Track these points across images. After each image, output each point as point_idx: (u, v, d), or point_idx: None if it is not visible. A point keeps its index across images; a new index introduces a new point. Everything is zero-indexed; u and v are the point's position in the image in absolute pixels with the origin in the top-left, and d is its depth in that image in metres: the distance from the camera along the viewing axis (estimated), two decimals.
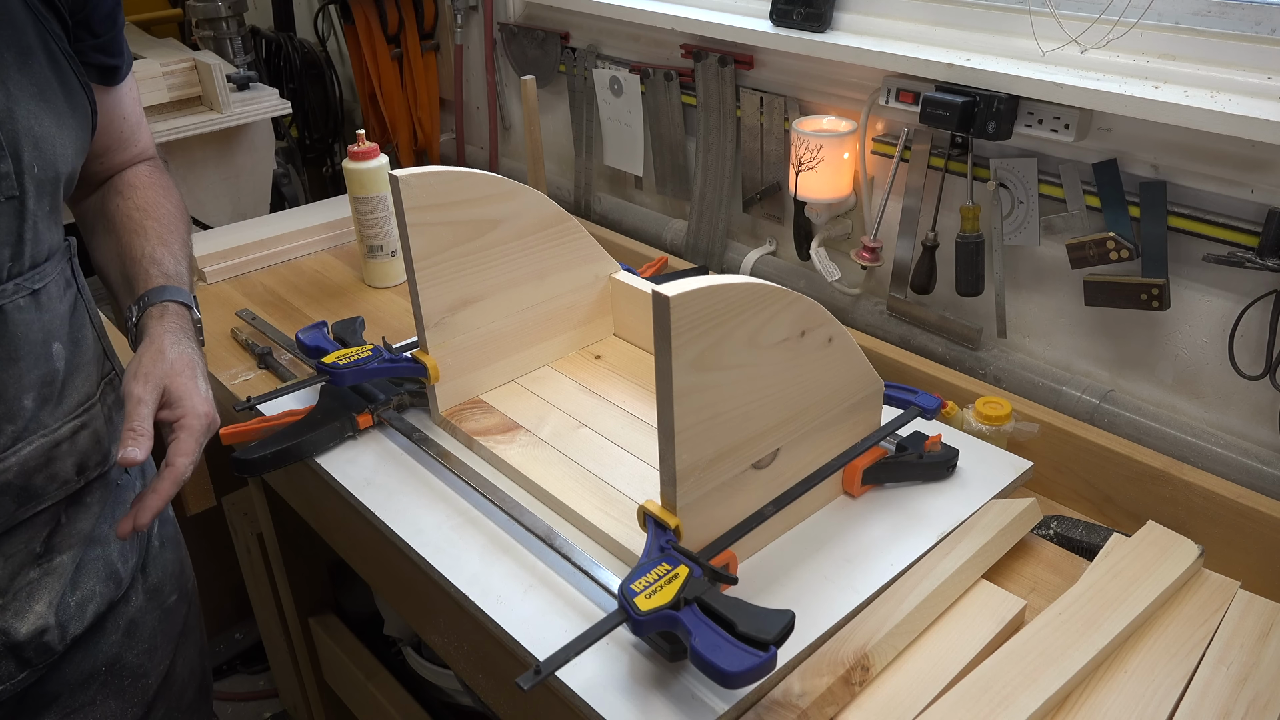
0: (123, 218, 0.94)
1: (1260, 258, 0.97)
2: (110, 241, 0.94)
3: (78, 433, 0.82)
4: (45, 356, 0.78)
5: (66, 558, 0.83)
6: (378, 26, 2.08)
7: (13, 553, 0.79)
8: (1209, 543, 0.94)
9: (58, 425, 0.80)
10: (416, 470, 1.04)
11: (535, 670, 0.72)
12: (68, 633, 0.84)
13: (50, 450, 0.80)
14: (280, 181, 2.08)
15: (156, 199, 0.97)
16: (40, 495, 0.80)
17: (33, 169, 0.75)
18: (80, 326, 0.84)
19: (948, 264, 1.25)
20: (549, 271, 1.14)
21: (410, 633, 1.51)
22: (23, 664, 0.81)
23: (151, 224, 0.95)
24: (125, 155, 0.98)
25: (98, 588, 0.86)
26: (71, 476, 0.82)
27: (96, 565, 0.86)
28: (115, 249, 0.94)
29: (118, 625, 0.90)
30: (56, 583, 0.82)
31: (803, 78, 1.37)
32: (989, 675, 0.78)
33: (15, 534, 0.79)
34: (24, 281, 0.76)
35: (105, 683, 0.90)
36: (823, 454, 0.92)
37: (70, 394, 0.82)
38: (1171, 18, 1.04)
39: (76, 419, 0.82)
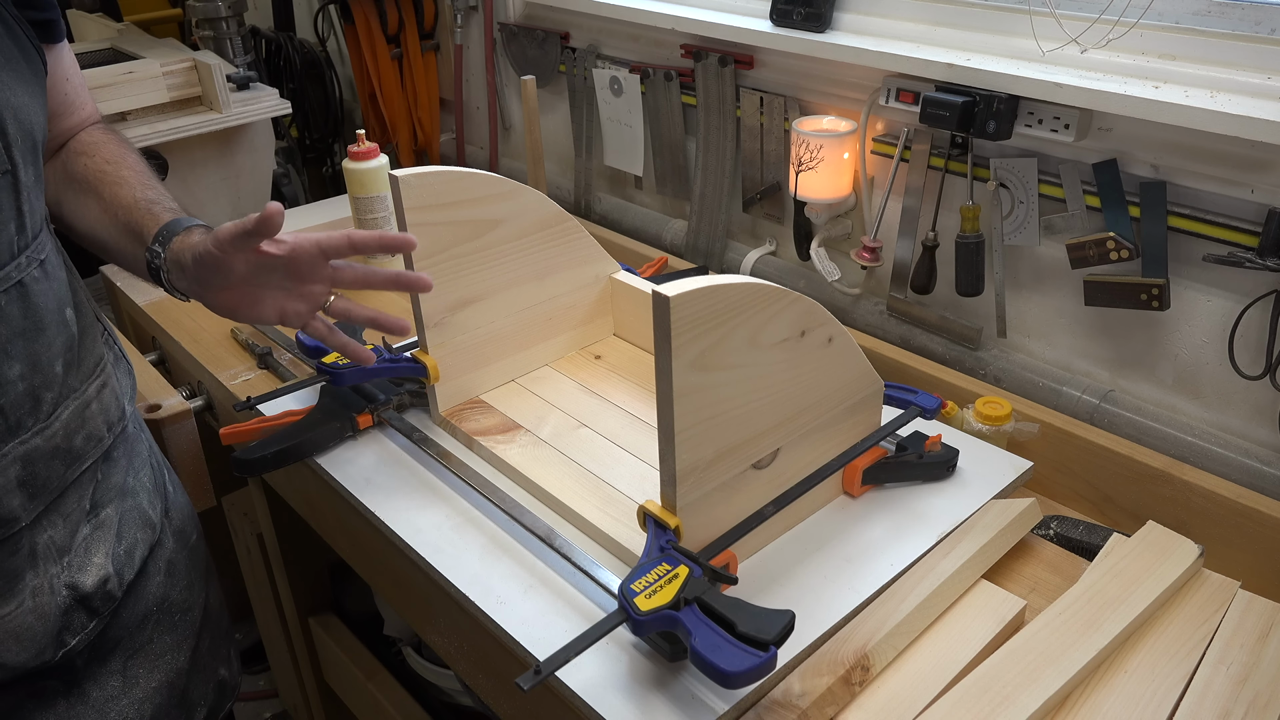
0: (95, 175, 0.94)
1: (1260, 258, 0.97)
2: (90, 201, 0.94)
3: (101, 391, 0.86)
4: (63, 323, 0.81)
5: (110, 510, 0.88)
6: (378, 26, 2.08)
7: (69, 512, 0.83)
8: (1209, 543, 0.94)
9: (84, 387, 0.84)
10: (416, 470, 1.04)
11: (535, 670, 0.72)
12: (124, 579, 0.89)
13: (83, 411, 0.83)
14: (280, 181, 2.08)
15: (121, 152, 0.97)
16: (82, 455, 0.84)
17: (18, 140, 0.75)
18: (77, 290, 0.86)
19: (948, 264, 1.25)
20: (549, 271, 1.14)
21: (410, 633, 1.51)
22: (92, 614, 0.86)
23: (128, 173, 0.95)
24: (74, 119, 0.97)
25: (138, 534, 0.91)
26: (103, 433, 0.86)
27: (133, 515, 0.91)
28: (98, 206, 0.93)
29: (159, 567, 0.95)
30: (107, 535, 0.87)
31: (803, 78, 1.37)
32: (989, 675, 0.78)
33: (68, 494, 0.83)
34: (33, 253, 0.78)
35: (158, 621, 0.96)
36: (823, 454, 0.92)
37: (86, 356, 0.85)
38: (1171, 18, 1.04)
39: (97, 378, 0.86)
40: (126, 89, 1.63)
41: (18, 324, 0.76)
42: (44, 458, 0.80)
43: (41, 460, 0.79)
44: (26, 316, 0.77)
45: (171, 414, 1.19)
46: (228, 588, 1.69)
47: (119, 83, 1.62)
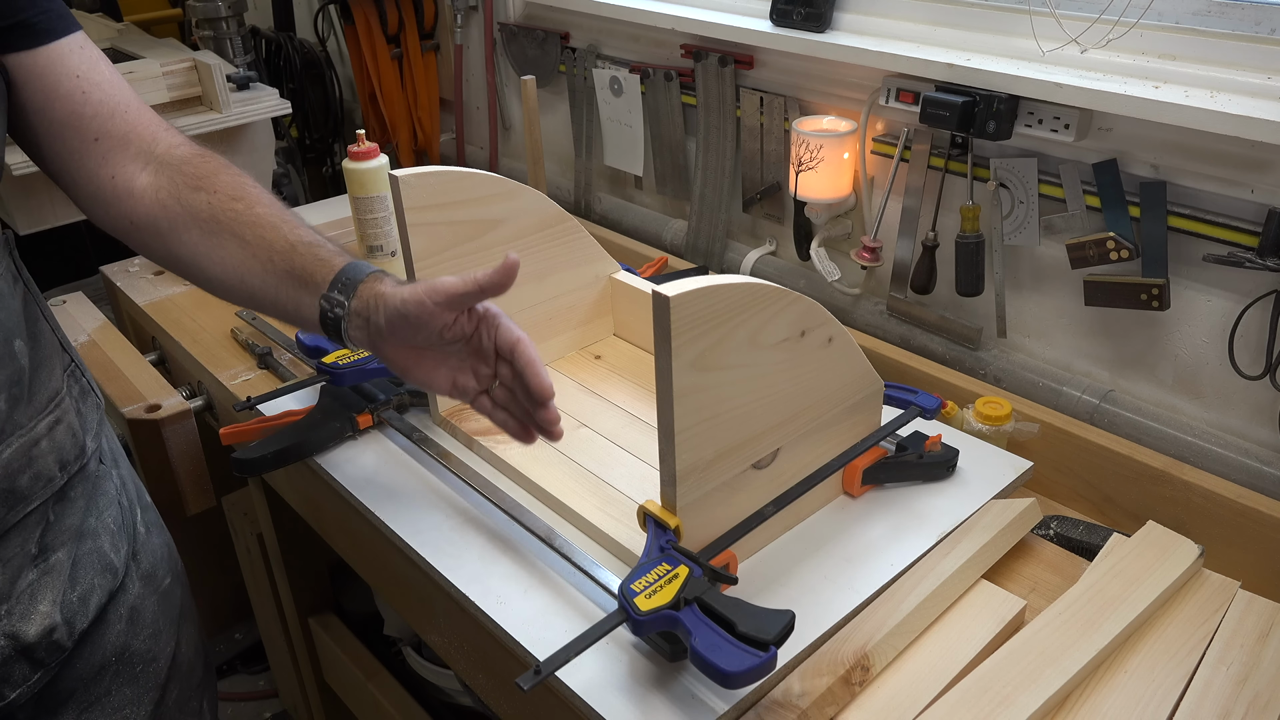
0: (226, 214, 0.87)
1: (1260, 258, 0.97)
2: (226, 243, 0.87)
3: (53, 428, 0.81)
4: (9, 355, 0.76)
5: (62, 554, 0.82)
6: (378, 26, 2.08)
7: (9, 557, 0.78)
8: (1209, 543, 0.94)
9: (32, 424, 0.79)
10: (416, 470, 1.04)
11: (535, 670, 0.72)
12: (75, 628, 0.83)
13: (30, 450, 0.78)
14: (280, 181, 2.08)
15: (237, 181, 0.90)
16: (27, 496, 0.78)
17: None
18: (34, 320, 0.82)
19: (948, 264, 1.25)
20: (549, 271, 1.14)
21: (410, 633, 1.51)
22: (35, 665, 0.81)
23: (262, 210, 0.88)
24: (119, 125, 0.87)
25: (95, 580, 0.86)
26: (55, 473, 0.81)
27: (91, 558, 0.86)
28: (242, 251, 0.87)
29: (120, 615, 0.90)
30: (57, 581, 0.82)
31: (803, 78, 1.37)
32: (989, 675, 0.78)
33: (9, 538, 0.78)
34: None
35: (117, 672, 0.90)
36: (823, 454, 0.92)
37: (39, 391, 0.80)
38: (1171, 18, 1.04)
39: (49, 415, 0.81)
40: None
41: None
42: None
43: None
44: None
45: (171, 414, 1.19)
46: (228, 588, 1.70)
47: None
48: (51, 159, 0.86)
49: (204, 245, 0.88)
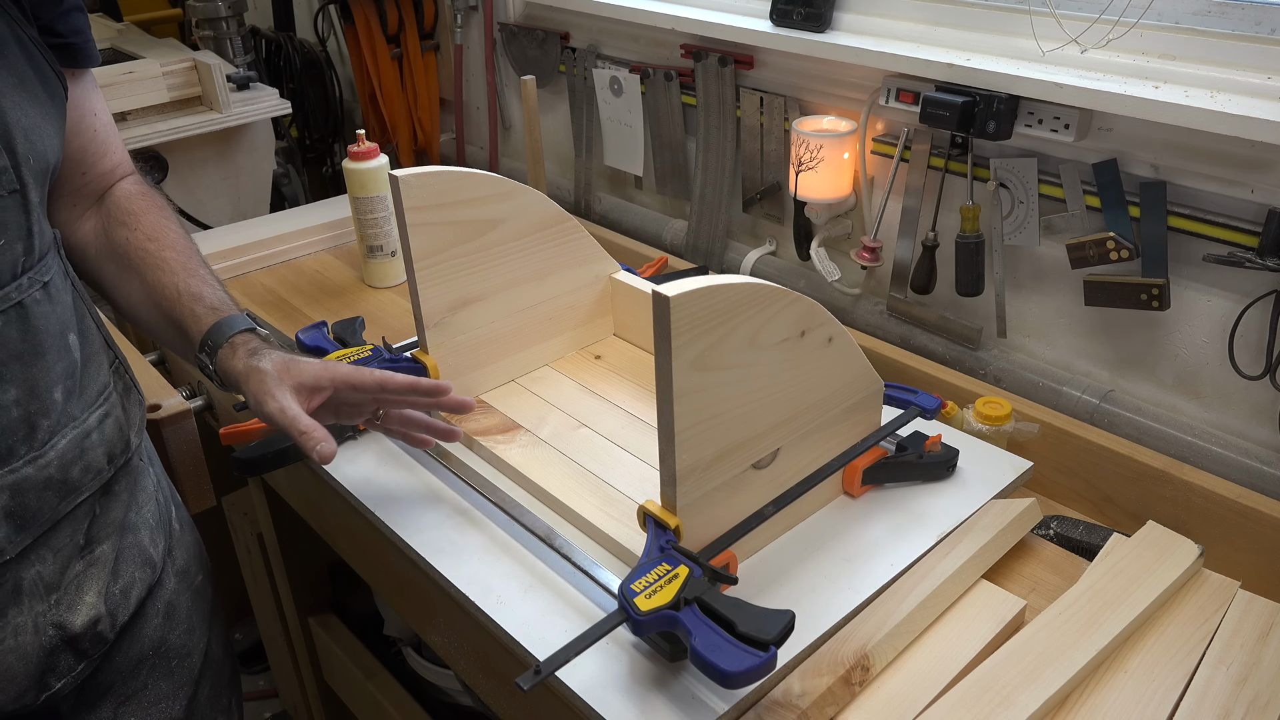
0: (138, 253, 0.92)
1: (1260, 258, 0.97)
2: (132, 280, 0.92)
3: (103, 421, 0.83)
4: (65, 348, 0.79)
5: (107, 547, 0.84)
6: (378, 26, 2.08)
7: (60, 546, 0.79)
8: (1209, 543, 0.94)
9: (85, 416, 0.81)
10: (416, 470, 1.04)
11: (535, 670, 0.72)
12: (117, 620, 0.85)
13: (82, 441, 0.80)
14: (280, 181, 2.08)
15: (161, 224, 0.94)
16: (78, 487, 0.80)
17: (28, 160, 0.74)
18: (83, 316, 0.84)
19: (948, 264, 1.25)
20: (549, 271, 1.14)
21: (410, 633, 1.51)
22: (80, 655, 0.82)
23: (170, 254, 0.92)
24: (106, 163, 0.94)
25: (136, 573, 0.87)
26: (103, 465, 0.83)
27: (132, 552, 0.87)
28: (142, 289, 0.92)
29: (157, 609, 0.92)
30: (101, 573, 0.83)
31: (803, 78, 1.37)
32: (989, 675, 0.78)
33: (60, 528, 0.79)
34: (36, 275, 0.76)
35: (154, 666, 0.91)
36: (823, 454, 0.92)
37: (90, 384, 0.82)
38: (1171, 18, 1.04)
39: (100, 408, 0.83)
40: (126, 89, 1.63)
41: (15, 346, 0.74)
42: (35, 488, 0.76)
43: (33, 491, 0.76)
44: (25, 339, 0.74)
45: (171, 414, 1.19)
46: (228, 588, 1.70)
47: (119, 83, 1.62)
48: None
49: (116, 279, 0.94)
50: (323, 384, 0.88)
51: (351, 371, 0.89)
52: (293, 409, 0.84)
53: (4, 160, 0.72)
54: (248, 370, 0.87)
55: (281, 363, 0.88)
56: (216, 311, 0.90)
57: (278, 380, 0.86)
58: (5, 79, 0.74)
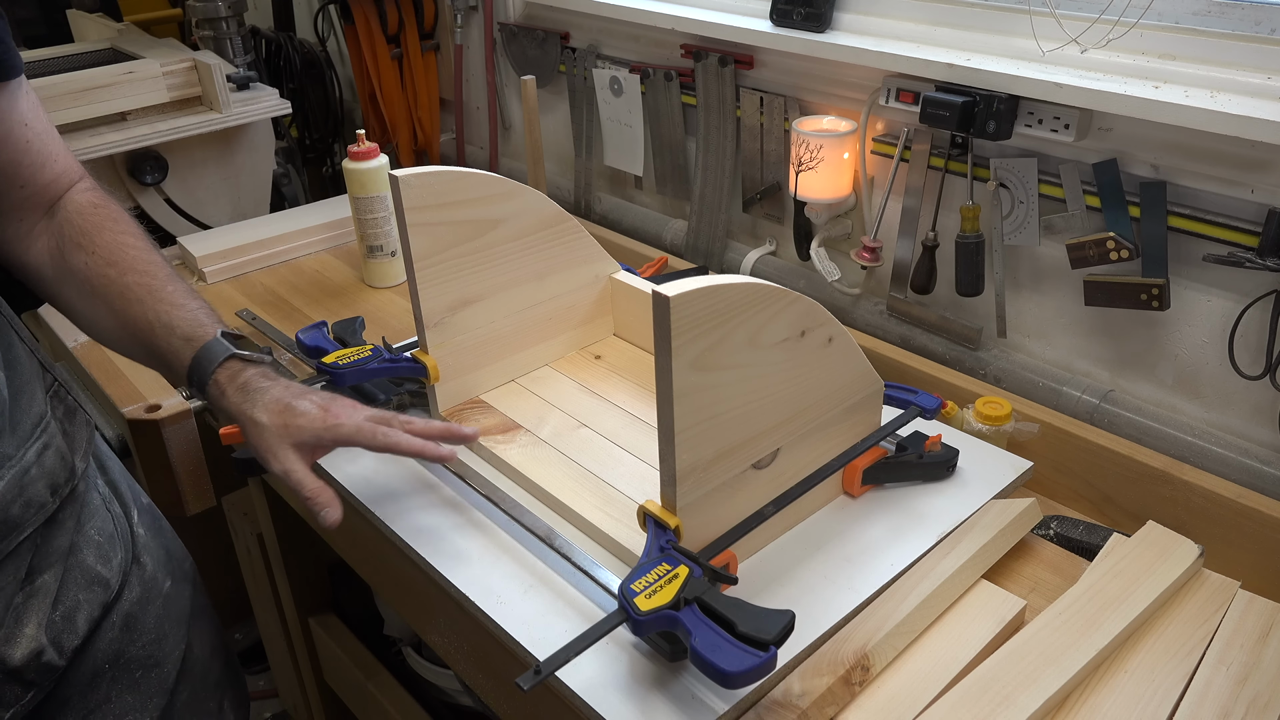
0: (99, 280, 0.88)
1: (1260, 258, 0.97)
2: (99, 309, 0.89)
3: (43, 454, 0.78)
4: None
5: (49, 576, 0.80)
6: (378, 26, 2.08)
7: (2, 585, 0.76)
8: (1209, 543, 0.94)
9: (20, 453, 0.76)
10: (416, 470, 1.04)
11: (535, 670, 0.72)
12: (65, 647, 0.81)
13: (21, 479, 0.76)
14: (280, 181, 2.08)
15: (118, 242, 0.90)
16: (19, 525, 0.76)
17: None
18: (10, 347, 0.79)
19: (948, 264, 1.25)
20: (549, 271, 1.14)
21: (410, 633, 1.51)
22: (27, 686, 0.79)
23: (132, 279, 0.88)
24: (46, 174, 0.88)
25: (82, 596, 0.83)
26: (47, 499, 0.79)
27: (76, 575, 0.83)
28: (113, 320, 0.89)
29: (113, 623, 0.87)
30: (42, 603, 0.79)
31: (803, 78, 1.37)
32: (989, 675, 0.78)
33: (3, 567, 0.76)
34: None
35: (114, 678, 0.88)
36: (823, 454, 0.92)
37: (22, 418, 0.77)
38: (1171, 18, 1.04)
39: (37, 440, 0.78)
40: (126, 89, 1.63)
41: None
42: None
43: None
44: None
45: (171, 414, 1.19)
46: (228, 588, 1.70)
47: (119, 83, 1.62)
48: None
49: (80, 304, 0.90)
50: (324, 443, 0.87)
51: (354, 433, 0.87)
52: (297, 472, 0.84)
53: None
54: (242, 418, 0.86)
55: (279, 415, 0.85)
56: (190, 343, 0.88)
57: (278, 439, 0.85)
58: None
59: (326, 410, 0.87)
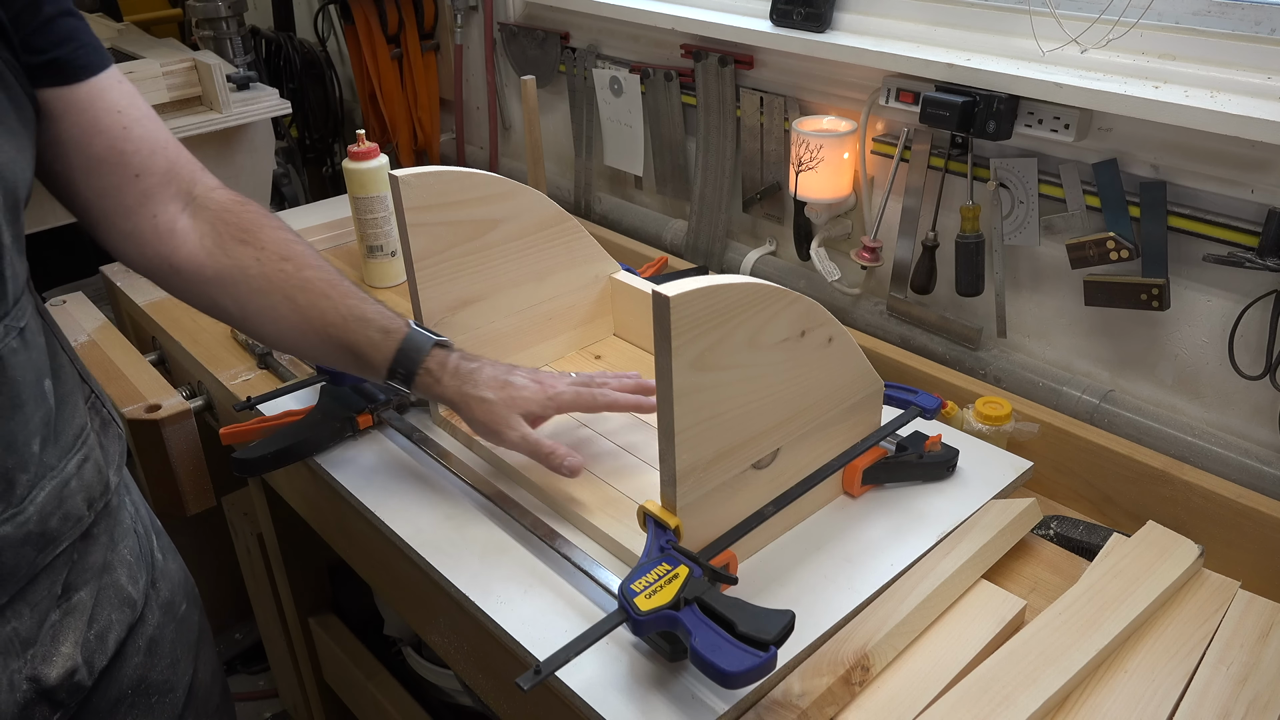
0: (278, 276, 0.88)
1: (1260, 258, 0.97)
2: (277, 304, 0.89)
3: (82, 466, 0.78)
4: (41, 396, 0.73)
5: (85, 594, 0.80)
6: (378, 26, 2.08)
7: (37, 600, 0.75)
8: (1209, 543, 0.94)
9: (62, 464, 0.76)
10: (416, 470, 1.04)
11: (535, 670, 0.72)
12: (95, 667, 0.81)
13: (61, 491, 0.76)
14: (280, 181, 2.08)
15: (283, 238, 0.90)
16: (57, 538, 0.76)
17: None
18: (55, 354, 0.78)
19: (948, 264, 1.25)
20: (549, 271, 1.14)
21: (410, 633, 1.51)
22: (55, 706, 0.78)
23: (311, 274, 0.89)
24: (159, 162, 0.85)
25: (114, 615, 0.83)
26: (84, 512, 0.78)
27: (109, 594, 0.82)
28: (292, 314, 0.89)
29: (138, 647, 0.87)
30: (79, 621, 0.79)
31: (803, 78, 1.37)
32: (989, 675, 0.78)
33: (38, 581, 0.75)
34: (11, 322, 0.70)
35: (133, 704, 0.87)
36: (823, 454, 0.92)
37: (65, 429, 0.77)
38: (1171, 18, 1.04)
39: (78, 452, 0.78)
40: None
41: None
42: (13, 545, 0.71)
43: (10, 549, 0.71)
44: (3, 393, 0.69)
45: (171, 414, 1.19)
46: (228, 588, 1.70)
47: None
48: (87, 196, 0.83)
49: (254, 303, 0.89)
50: (548, 412, 0.94)
51: (574, 400, 0.95)
52: (532, 435, 0.91)
53: None
54: (466, 399, 0.91)
55: (501, 389, 0.92)
56: (389, 335, 0.91)
57: (508, 410, 0.91)
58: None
59: (541, 384, 0.94)
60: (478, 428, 0.92)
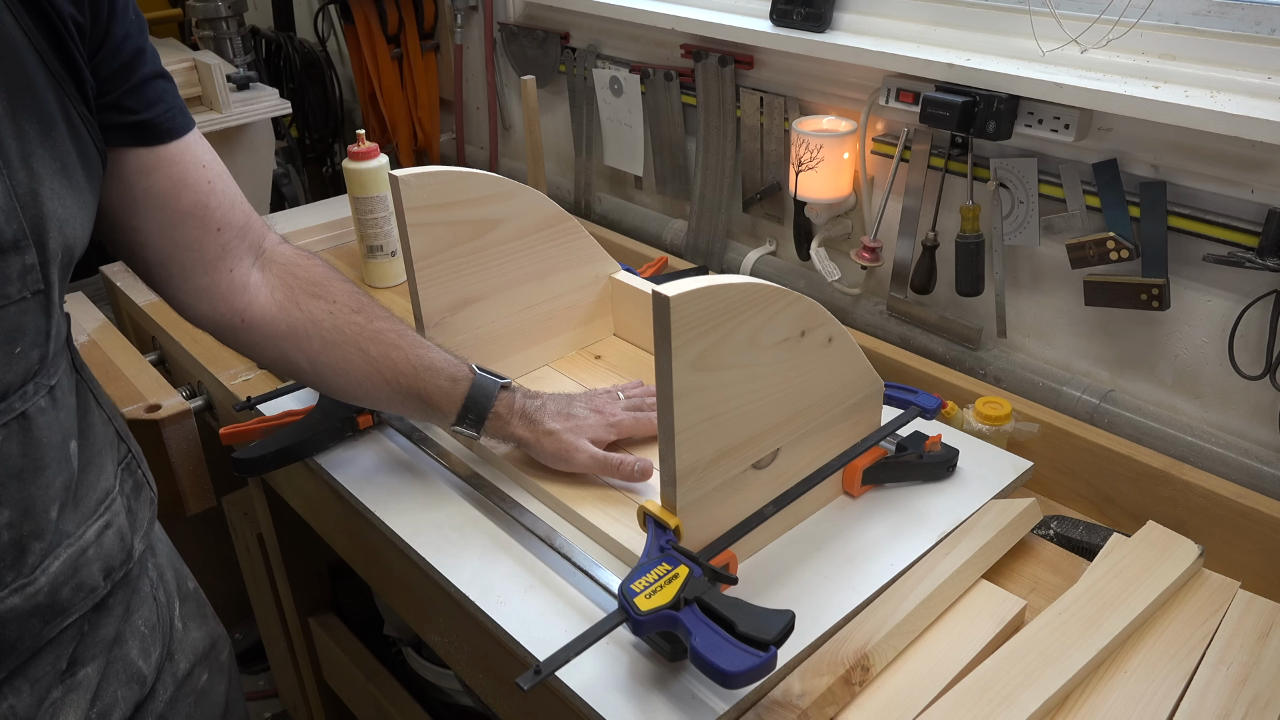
0: (351, 328, 0.89)
1: (1260, 258, 0.97)
2: (349, 355, 0.90)
3: (103, 534, 0.74)
4: (65, 459, 0.70)
5: (91, 669, 0.75)
6: (378, 26, 2.08)
7: (39, 676, 0.71)
8: (1209, 543, 0.94)
9: (81, 530, 0.72)
10: (416, 470, 1.04)
11: (535, 670, 0.72)
12: None
13: (77, 560, 0.72)
14: (280, 181, 2.08)
15: (351, 291, 0.91)
16: (66, 609, 0.72)
17: (56, 256, 0.66)
18: (87, 414, 0.76)
19: (948, 264, 1.25)
20: (549, 271, 1.14)
21: (410, 633, 1.51)
22: None
23: (381, 325, 0.91)
24: (238, 216, 0.85)
25: (120, 692, 0.78)
26: (99, 583, 0.74)
27: (118, 668, 0.78)
28: (364, 364, 0.90)
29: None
30: (81, 698, 0.74)
31: (803, 78, 1.37)
32: (989, 675, 0.78)
33: (41, 655, 0.71)
34: (43, 379, 0.67)
35: None
36: (823, 454, 0.92)
37: (87, 494, 0.74)
38: (1171, 18, 1.04)
39: (100, 519, 0.74)
40: None
41: (14, 463, 0.65)
42: (19, 618, 0.68)
43: (15, 621, 0.67)
44: (25, 454, 0.66)
45: (171, 414, 1.19)
46: (228, 588, 1.70)
47: None
48: (166, 250, 0.82)
49: (325, 355, 0.90)
50: (610, 436, 0.99)
51: (633, 425, 1.00)
52: (599, 454, 0.96)
53: (31, 257, 0.64)
54: (535, 434, 0.96)
55: (566, 420, 0.97)
56: (457, 382, 0.94)
57: (574, 436, 0.96)
58: (48, 164, 0.65)
59: (601, 411, 1.00)
60: (548, 458, 0.96)
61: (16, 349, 0.64)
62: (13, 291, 0.63)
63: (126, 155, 0.76)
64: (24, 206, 0.63)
